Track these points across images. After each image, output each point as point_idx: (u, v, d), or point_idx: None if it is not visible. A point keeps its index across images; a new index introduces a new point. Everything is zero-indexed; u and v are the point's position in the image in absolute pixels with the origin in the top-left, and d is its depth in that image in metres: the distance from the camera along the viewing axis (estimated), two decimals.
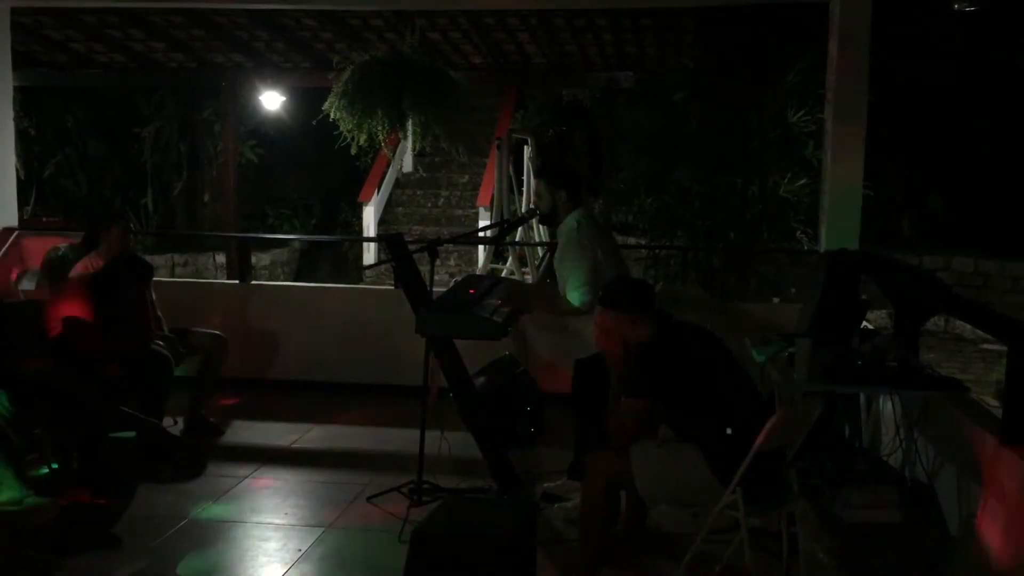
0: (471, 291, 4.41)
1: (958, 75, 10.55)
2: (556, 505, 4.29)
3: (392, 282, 7.31)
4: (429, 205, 12.96)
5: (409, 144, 11.52)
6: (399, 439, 5.19)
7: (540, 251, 10.33)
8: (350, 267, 12.82)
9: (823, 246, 5.58)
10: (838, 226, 5.48)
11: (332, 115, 7.95)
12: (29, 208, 11.57)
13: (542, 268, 9.99)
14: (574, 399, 4.42)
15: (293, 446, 5.36)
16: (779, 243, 8.89)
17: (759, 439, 3.17)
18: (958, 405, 3.65)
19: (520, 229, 10.11)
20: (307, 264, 13.47)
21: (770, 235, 8.96)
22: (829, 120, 5.58)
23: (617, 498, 3.49)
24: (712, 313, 5.49)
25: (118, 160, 12.89)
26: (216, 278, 11.50)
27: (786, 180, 8.59)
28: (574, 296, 4.16)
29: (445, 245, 6.24)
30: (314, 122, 8.63)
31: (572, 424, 4.48)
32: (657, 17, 8.13)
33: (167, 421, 5.23)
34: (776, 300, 8.66)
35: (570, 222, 4.34)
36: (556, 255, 4.40)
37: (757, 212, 8.86)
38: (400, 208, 12.89)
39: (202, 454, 5.08)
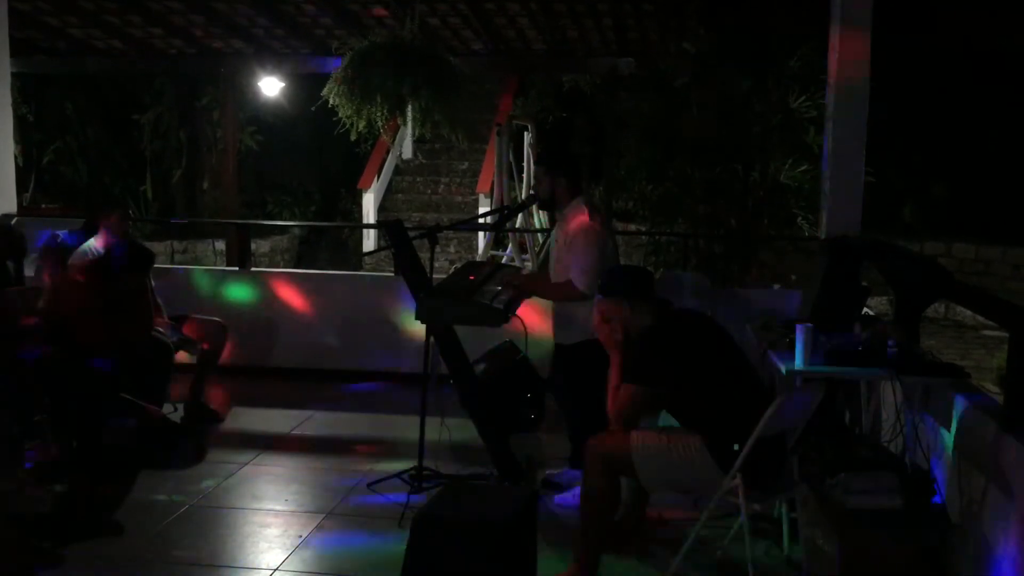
0: (471, 278, 4.41)
1: (961, 60, 10.52)
2: (556, 497, 4.29)
3: (392, 269, 7.29)
4: (429, 192, 12.93)
5: (409, 131, 11.47)
6: (399, 426, 5.19)
7: (540, 238, 10.31)
8: (350, 254, 12.80)
9: (824, 232, 5.56)
10: (839, 212, 5.46)
11: (331, 101, 7.92)
12: (28, 195, 11.56)
13: (542, 255, 9.98)
14: (555, 387, 4.42)
15: (293, 433, 5.36)
16: (780, 230, 8.87)
17: (760, 425, 3.17)
18: (959, 391, 3.65)
19: (520, 216, 10.10)
20: (307, 251, 13.46)
21: (771, 222, 8.94)
22: (831, 105, 5.56)
23: (618, 485, 3.49)
24: (713, 300, 5.49)
25: (117, 147, 12.86)
26: (216, 265, 11.49)
27: (787, 166, 8.57)
28: (582, 280, 4.15)
29: (445, 232, 6.23)
30: (313, 108, 8.61)
31: (561, 412, 4.47)
32: (659, 2, 8.09)
33: (167, 408, 5.24)
34: (777, 287, 8.64)
35: (577, 205, 4.31)
36: (558, 238, 4.37)
37: (758, 198, 8.84)
38: (400, 195, 12.87)
39: (202, 441, 5.08)
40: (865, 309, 4.67)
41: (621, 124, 10.53)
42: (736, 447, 3.23)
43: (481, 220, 8.96)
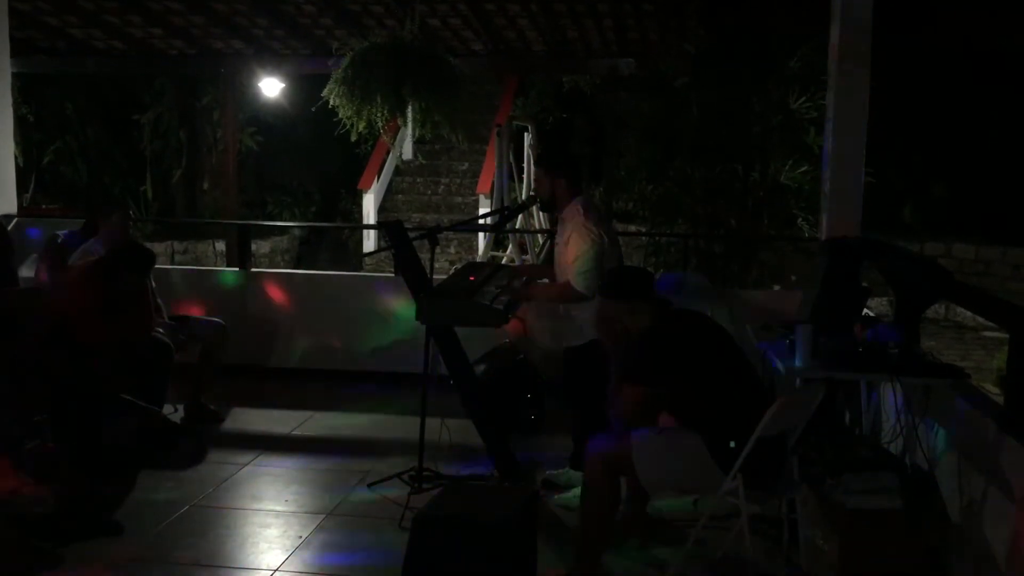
0: (471, 278, 4.41)
1: (961, 60, 10.51)
2: (556, 496, 4.29)
3: (392, 269, 7.30)
4: (429, 193, 12.93)
5: (409, 131, 11.50)
6: (400, 426, 5.19)
7: (540, 238, 10.31)
8: (350, 254, 12.81)
9: (824, 233, 5.56)
10: (839, 213, 5.45)
11: (331, 102, 7.92)
12: (28, 195, 11.56)
13: (542, 256, 9.97)
14: (567, 388, 4.41)
15: (293, 433, 5.36)
16: (780, 230, 8.88)
17: (760, 427, 3.17)
18: (959, 392, 3.65)
19: (520, 216, 10.09)
20: (307, 252, 13.47)
21: (771, 222, 8.95)
22: (831, 106, 5.55)
23: (618, 485, 3.49)
24: (713, 301, 5.48)
25: (117, 147, 12.86)
26: (216, 265, 11.49)
27: (787, 167, 8.58)
28: (579, 281, 4.15)
29: (445, 232, 6.23)
30: (313, 109, 8.61)
31: (569, 413, 4.48)
32: (659, 2, 8.09)
33: (167, 408, 5.24)
34: (777, 287, 8.65)
35: (576, 206, 4.32)
36: (559, 240, 4.38)
37: (758, 199, 8.85)
38: (400, 196, 12.87)
39: (203, 441, 5.08)
40: (865, 310, 4.67)
41: (621, 124, 10.55)
42: (733, 444, 3.24)
43: (481, 221, 8.95)
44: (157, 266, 5.20)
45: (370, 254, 11.12)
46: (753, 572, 3.42)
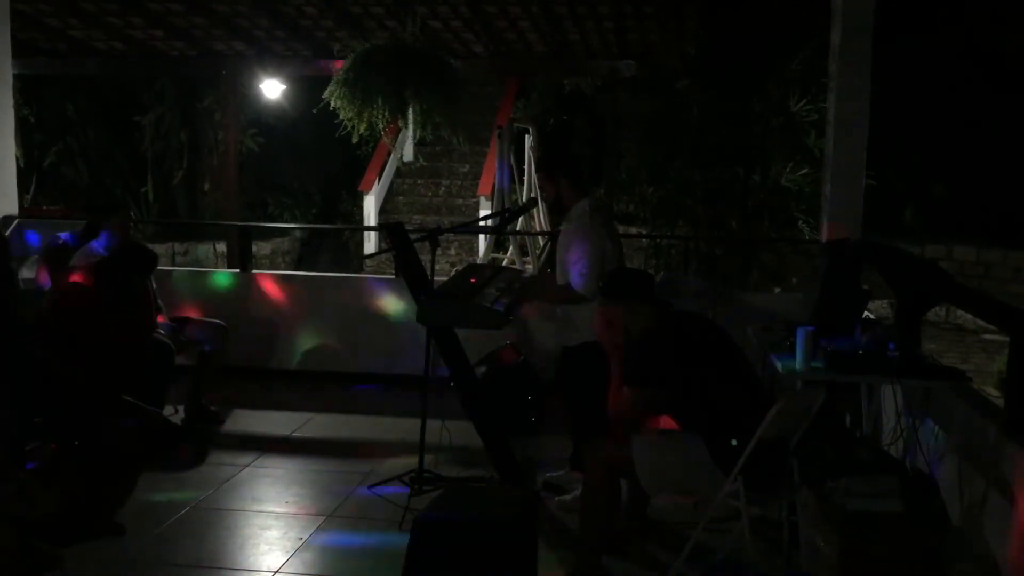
0: (472, 280, 4.41)
1: (961, 60, 10.51)
2: (557, 498, 4.29)
3: (393, 271, 7.30)
4: (430, 194, 12.93)
5: (409, 133, 11.50)
6: (400, 428, 5.19)
7: (541, 240, 10.32)
8: (351, 256, 12.80)
9: (825, 235, 5.56)
10: (840, 215, 5.46)
11: (332, 103, 7.92)
12: (29, 196, 11.56)
13: (543, 257, 9.98)
14: (563, 388, 4.42)
15: (294, 435, 5.36)
16: (781, 233, 8.88)
17: (761, 428, 3.17)
18: (959, 395, 3.65)
19: (521, 218, 10.10)
20: (308, 253, 13.46)
21: (772, 225, 8.95)
22: (832, 108, 5.55)
23: (618, 487, 3.49)
24: (713, 303, 5.48)
25: (118, 148, 12.86)
26: (217, 267, 11.49)
27: (788, 169, 8.58)
28: (579, 283, 4.15)
29: (446, 234, 6.24)
30: (314, 110, 8.62)
31: (566, 414, 4.48)
32: (660, 4, 8.10)
33: (168, 410, 5.24)
34: (777, 290, 8.65)
35: (583, 208, 4.31)
36: (562, 241, 4.37)
37: (759, 201, 8.85)
38: (401, 197, 12.87)
39: (203, 443, 5.08)
40: (866, 312, 4.67)
41: (622, 126, 10.54)
42: (735, 442, 3.23)
43: (482, 223, 8.95)
44: (158, 268, 5.20)
45: (371, 256, 11.11)
46: (753, 574, 3.42)
